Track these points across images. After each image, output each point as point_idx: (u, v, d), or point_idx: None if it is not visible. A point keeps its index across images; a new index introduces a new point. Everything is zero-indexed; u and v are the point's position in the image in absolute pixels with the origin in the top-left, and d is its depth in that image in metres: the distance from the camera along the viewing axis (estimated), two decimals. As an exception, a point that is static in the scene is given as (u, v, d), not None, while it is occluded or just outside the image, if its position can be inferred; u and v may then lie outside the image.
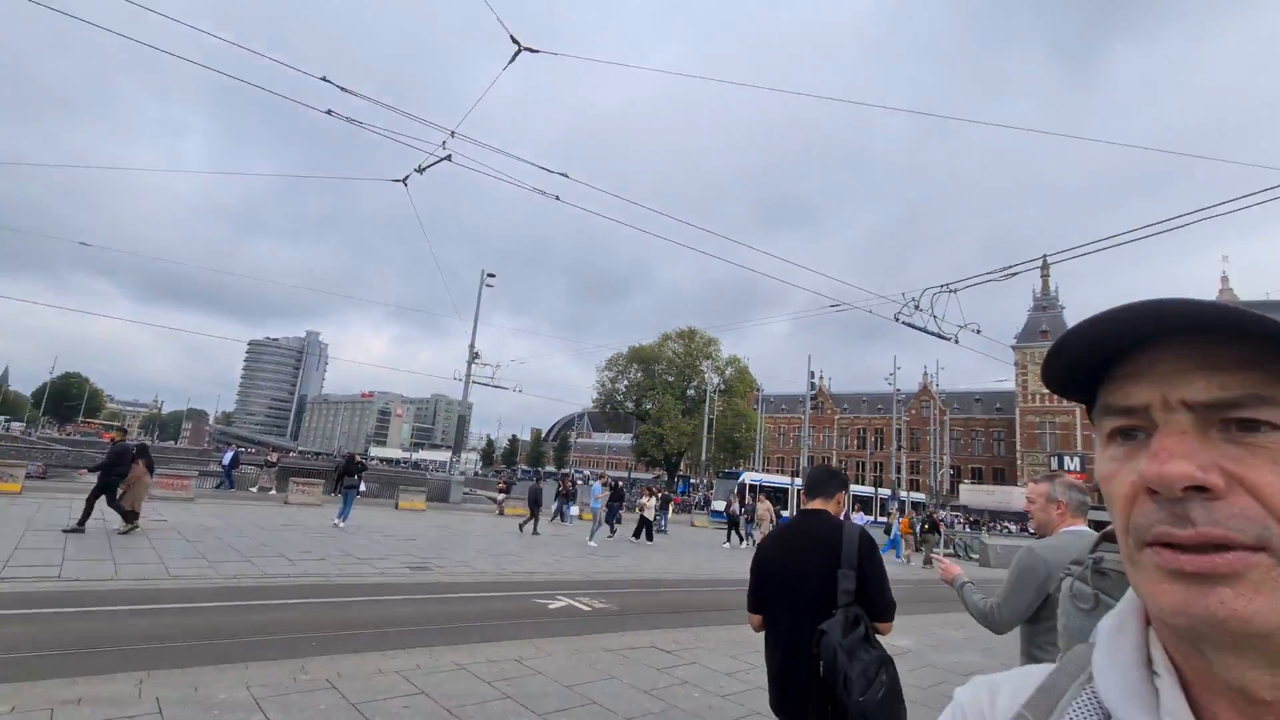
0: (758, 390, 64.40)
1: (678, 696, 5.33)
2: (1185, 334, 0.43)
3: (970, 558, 26.74)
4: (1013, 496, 58.43)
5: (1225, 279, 58.22)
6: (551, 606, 8.90)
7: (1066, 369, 0.47)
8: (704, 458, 44.15)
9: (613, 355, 61.87)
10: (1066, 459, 53.83)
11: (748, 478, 37.29)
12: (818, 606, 2.40)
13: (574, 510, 23.74)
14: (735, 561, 16.85)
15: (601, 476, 23.53)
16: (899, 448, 51.02)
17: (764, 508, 21.16)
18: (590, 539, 17.03)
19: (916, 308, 11.65)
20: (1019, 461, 69.91)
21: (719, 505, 33.27)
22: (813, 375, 44.93)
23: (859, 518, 28.97)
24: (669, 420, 54.74)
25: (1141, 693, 0.45)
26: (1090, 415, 0.50)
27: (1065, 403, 66.58)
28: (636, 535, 19.45)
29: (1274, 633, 0.39)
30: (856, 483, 74.16)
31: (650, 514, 19.79)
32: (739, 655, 6.75)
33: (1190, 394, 0.42)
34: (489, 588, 9.89)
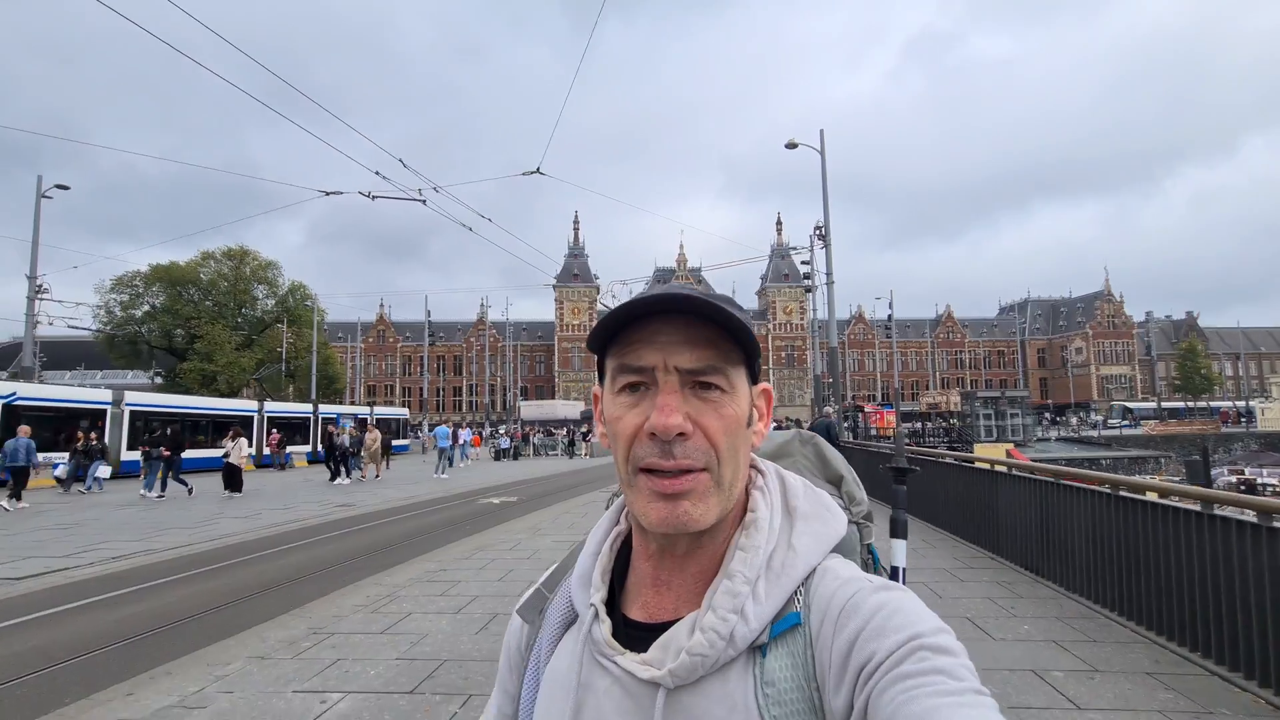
0: (323, 316, 60.39)
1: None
2: (677, 315, 0.62)
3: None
4: (556, 408, 72.51)
5: (682, 247, 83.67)
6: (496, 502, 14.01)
7: (602, 334, 0.65)
8: (314, 395, 40.90)
9: (124, 274, 48.66)
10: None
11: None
12: None
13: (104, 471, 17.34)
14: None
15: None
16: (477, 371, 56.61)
17: (372, 437, 20.85)
18: (441, 472, 20.74)
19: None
20: (556, 380, 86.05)
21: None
22: (384, 306, 46.01)
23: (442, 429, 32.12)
24: (222, 355, 47.23)
25: (587, 569, 0.71)
26: (600, 370, 0.67)
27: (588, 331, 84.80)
28: (228, 488, 15.19)
29: (706, 524, 0.61)
30: (418, 410, 78.20)
31: (238, 459, 15.27)
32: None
33: (680, 362, 0.61)
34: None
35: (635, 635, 0.64)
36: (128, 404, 22.58)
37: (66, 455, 17.16)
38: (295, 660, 4.32)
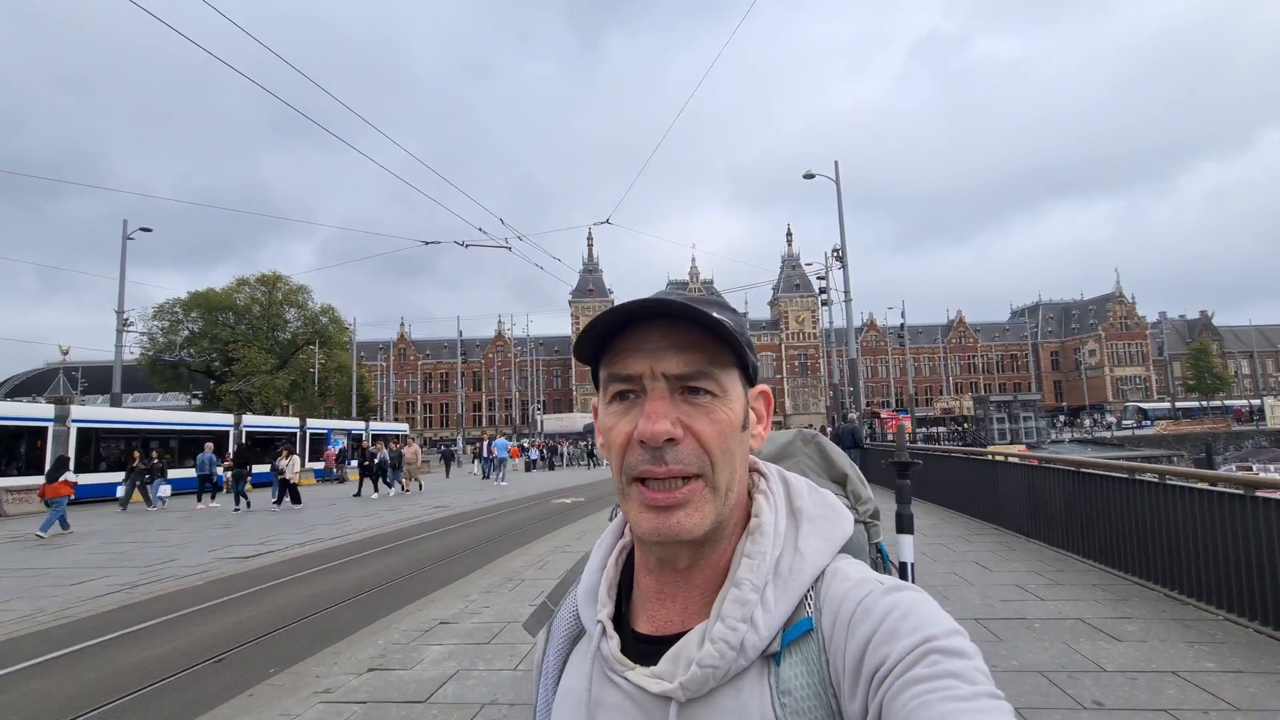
0: (351, 337, 62.85)
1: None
2: (664, 320, 0.62)
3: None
4: (576, 420, 74.67)
5: (694, 260, 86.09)
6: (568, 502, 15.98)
7: (590, 345, 0.65)
8: (353, 413, 43.40)
9: (165, 302, 51.80)
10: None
11: None
12: None
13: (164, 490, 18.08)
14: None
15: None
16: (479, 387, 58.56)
17: (412, 451, 21.61)
18: (502, 480, 23.81)
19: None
20: (574, 393, 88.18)
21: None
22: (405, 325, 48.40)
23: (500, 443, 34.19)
24: (260, 377, 49.79)
25: (593, 584, 0.70)
26: (595, 380, 0.67)
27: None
28: (279, 501, 16.23)
29: (700, 533, 0.61)
30: (439, 426, 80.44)
31: (293, 476, 16.35)
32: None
33: (667, 368, 0.61)
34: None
35: (644, 649, 0.64)
36: (74, 420, 20.42)
37: (123, 475, 17.74)
38: (512, 593, 6.33)
